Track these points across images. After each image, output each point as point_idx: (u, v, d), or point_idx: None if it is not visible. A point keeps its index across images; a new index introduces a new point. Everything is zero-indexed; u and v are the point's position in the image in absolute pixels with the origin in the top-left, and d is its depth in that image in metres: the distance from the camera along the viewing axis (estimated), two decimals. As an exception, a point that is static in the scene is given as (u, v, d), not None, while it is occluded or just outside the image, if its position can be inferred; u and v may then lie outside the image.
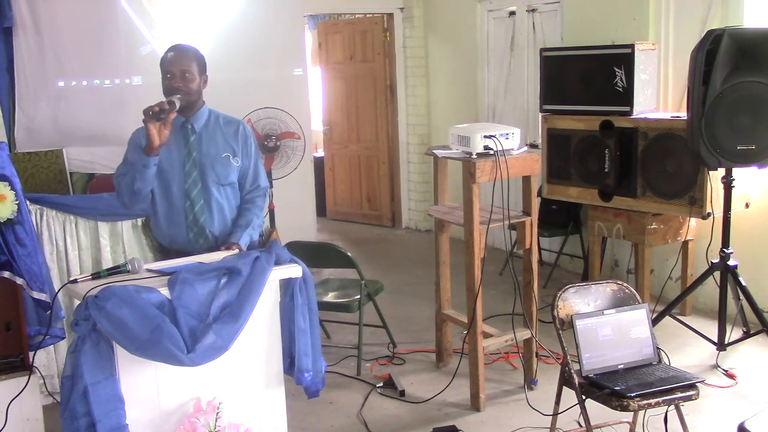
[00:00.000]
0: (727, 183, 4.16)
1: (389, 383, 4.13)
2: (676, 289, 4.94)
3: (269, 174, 5.74)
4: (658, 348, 3.20)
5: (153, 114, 2.97)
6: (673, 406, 3.06)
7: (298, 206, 6.74)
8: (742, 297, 4.26)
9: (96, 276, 2.60)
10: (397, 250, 7.36)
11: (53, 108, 5.67)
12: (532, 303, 3.98)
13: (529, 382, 4.03)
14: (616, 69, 4.78)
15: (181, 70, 3.14)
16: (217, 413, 2.55)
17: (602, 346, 3.10)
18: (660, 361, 3.18)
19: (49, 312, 3.14)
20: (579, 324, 3.07)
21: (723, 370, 4.14)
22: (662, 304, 4.59)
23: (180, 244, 3.24)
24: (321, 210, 8.44)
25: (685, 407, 3.13)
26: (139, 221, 4.15)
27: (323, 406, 3.91)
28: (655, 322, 4.02)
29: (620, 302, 3.27)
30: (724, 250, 4.22)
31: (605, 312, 3.16)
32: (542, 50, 5.38)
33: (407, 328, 5.00)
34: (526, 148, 3.99)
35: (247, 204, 3.33)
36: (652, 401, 2.91)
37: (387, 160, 8.13)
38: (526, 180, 3.92)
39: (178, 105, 3.06)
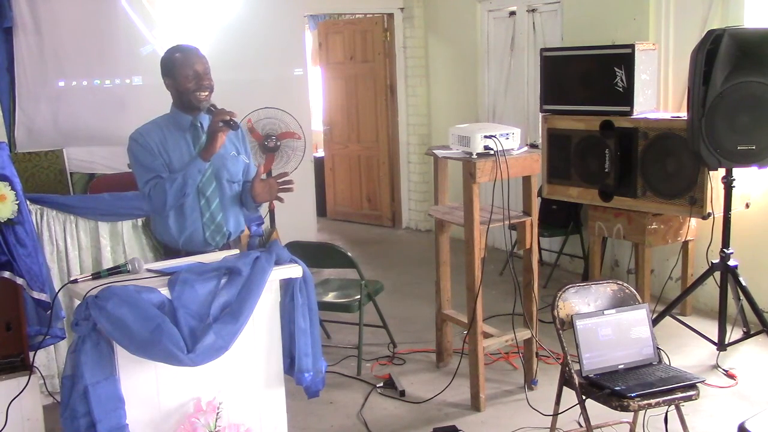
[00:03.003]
0: (728, 183, 4.16)
1: (389, 383, 4.13)
2: (676, 289, 4.94)
3: (269, 174, 5.73)
4: (658, 348, 3.20)
5: (230, 123, 3.04)
6: (673, 406, 3.06)
7: (298, 206, 6.73)
8: (742, 297, 4.26)
9: (96, 276, 2.61)
10: (397, 250, 7.36)
11: (53, 108, 5.68)
12: (533, 303, 3.97)
13: (530, 382, 4.03)
14: (617, 69, 4.78)
15: (204, 68, 3.15)
16: (217, 413, 2.55)
17: (602, 346, 3.10)
18: (660, 361, 3.18)
19: (49, 312, 3.14)
20: (579, 324, 3.07)
21: (723, 370, 4.14)
22: (662, 304, 4.59)
23: (195, 243, 3.20)
24: (321, 210, 8.44)
25: (686, 407, 3.13)
26: (140, 221, 4.15)
27: (323, 406, 3.91)
28: (655, 322, 4.02)
29: (620, 302, 3.27)
30: (725, 250, 4.22)
31: (605, 312, 3.16)
32: (542, 50, 5.38)
33: (407, 328, 5.00)
34: (526, 148, 3.99)
35: None
36: (653, 401, 2.91)
37: (387, 160, 8.12)
38: (527, 180, 3.92)
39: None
